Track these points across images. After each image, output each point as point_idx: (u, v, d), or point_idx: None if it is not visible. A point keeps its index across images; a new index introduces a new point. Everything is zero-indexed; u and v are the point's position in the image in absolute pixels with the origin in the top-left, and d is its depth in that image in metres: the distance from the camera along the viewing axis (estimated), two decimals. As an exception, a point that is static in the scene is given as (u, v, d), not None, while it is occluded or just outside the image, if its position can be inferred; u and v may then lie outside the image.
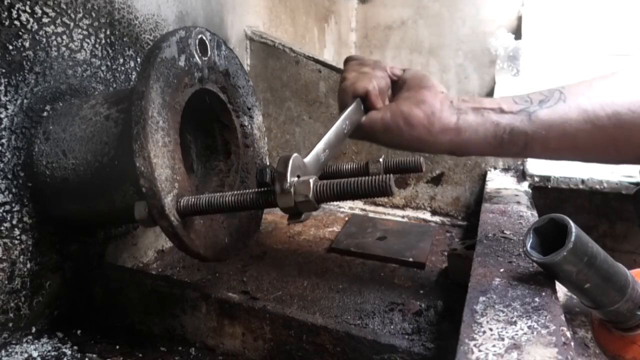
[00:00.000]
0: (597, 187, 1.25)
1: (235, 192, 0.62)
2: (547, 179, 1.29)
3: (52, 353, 0.73)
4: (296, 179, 0.57)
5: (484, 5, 2.57)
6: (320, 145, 0.69)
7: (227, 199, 0.61)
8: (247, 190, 0.62)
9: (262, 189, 0.60)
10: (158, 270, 1.03)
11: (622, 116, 0.72)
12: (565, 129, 0.75)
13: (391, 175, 0.54)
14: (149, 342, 0.78)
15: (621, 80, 0.76)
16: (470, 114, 0.79)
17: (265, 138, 0.94)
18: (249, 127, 0.88)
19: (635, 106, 0.72)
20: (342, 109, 0.84)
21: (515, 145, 0.78)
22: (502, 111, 0.78)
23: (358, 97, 0.84)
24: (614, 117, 0.73)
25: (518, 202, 1.03)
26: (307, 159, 0.64)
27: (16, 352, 0.72)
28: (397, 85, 0.89)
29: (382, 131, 0.83)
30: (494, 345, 0.48)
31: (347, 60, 0.93)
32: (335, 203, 1.49)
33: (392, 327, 0.82)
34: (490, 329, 0.51)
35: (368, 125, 0.84)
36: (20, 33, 0.71)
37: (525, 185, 1.23)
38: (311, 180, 0.56)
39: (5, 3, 0.69)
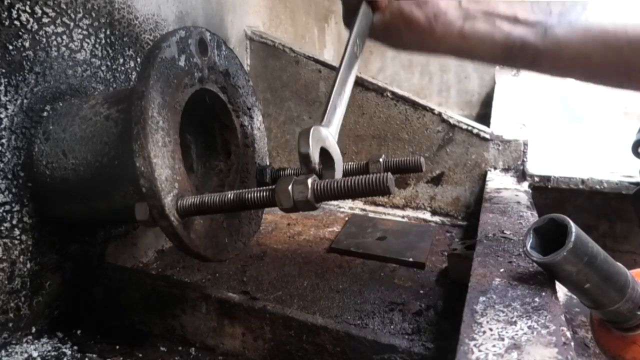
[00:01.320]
0: (597, 187, 1.25)
1: (235, 192, 0.62)
2: (547, 179, 1.29)
3: (52, 353, 0.73)
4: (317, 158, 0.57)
5: (484, 5, 2.57)
6: (335, 93, 0.67)
7: (226, 198, 0.61)
8: (247, 190, 0.61)
9: (262, 188, 0.60)
10: (158, 270, 1.02)
11: None
12: (580, 48, 0.71)
13: (389, 173, 0.54)
14: (149, 342, 0.78)
15: None
16: (480, 21, 0.73)
17: (265, 138, 0.94)
18: (249, 127, 0.88)
19: None
20: (347, 15, 0.78)
21: (522, 59, 0.74)
22: (516, 20, 0.72)
23: (364, 2, 0.77)
24: (636, 42, 0.69)
25: (518, 202, 1.03)
26: (324, 121, 0.63)
27: (16, 352, 0.72)
28: None
29: (383, 33, 0.78)
30: (494, 345, 0.48)
31: None
32: (335, 203, 1.49)
33: (392, 327, 0.82)
34: (490, 329, 0.51)
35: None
36: (20, 33, 0.71)
37: (525, 185, 1.23)
38: (309, 180, 0.56)
39: (5, 3, 0.69)
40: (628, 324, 0.63)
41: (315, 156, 0.57)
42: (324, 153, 0.61)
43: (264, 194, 0.60)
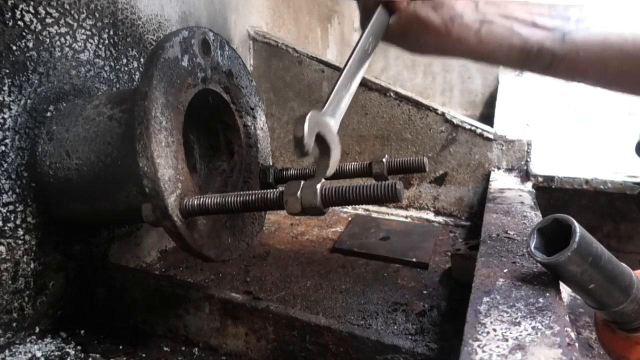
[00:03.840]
0: (602, 187, 1.25)
1: (241, 193, 0.62)
2: (551, 179, 1.28)
3: (56, 353, 0.73)
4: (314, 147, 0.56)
5: (487, 5, 2.56)
6: (341, 82, 0.66)
7: (232, 200, 0.61)
8: (254, 192, 0.61)
9: (269, 191, 0.60)
10: (161, 271, 1.03)
11: None
12: (597, 54, 0.71)
13: (400, 182, 0.54)
14: (152, 342, 0.78)
15: None
16: (497, 25, 0.73)
17: (269, 138, 0.94)
18: (252, 127, 0.88)
19: None
20: (364, 17, 0.77)
21: (539, 63, 0.74)
22: (534, 25, 0.72)
23: (380, 5, 0.76)
24: None
25: (522, 202, 1.03)
26: (324, 108, 0.62)
27: (20, 352, 0.72)
28: None
29: (399, 36, 0.78)
30: (497, 346, 0.48)
31: None
32: (338, 204, 1.48)
33: (395, 327, 0.82)
34: (494, 330, 0.51)
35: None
36: (24, 33, 0.71)
37: (529, 186, 1.22)
38: (318, 186, 0.56)
39: (9, 3, 0.69)
40: (632, 325, 0.63)
41: (309, 141, 0.56)
42: (321, 140, 0.60)
43: (272, 197, 0.59)
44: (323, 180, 0.57)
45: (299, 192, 0.56)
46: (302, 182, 0.57)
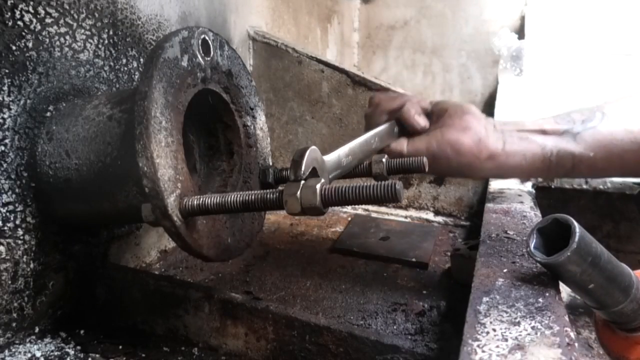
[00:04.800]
0: (601, 187, 1.25)
1: (241, 193, 0.62)
2: (550, 179, 1.28)
3: (56, 353, 0.73)
4: (311, 171, 0.57)
5: (487, 5, 2.56)
6: (343, 149, 0.69)
7: (232, 199, 0.61)
8: (254, 192, 0.61)
9: (269, 190, 0.60)
10: (161, 271, 1.03)
11: None
12: (611, 149, 0.74)
13: (400, 182, 0.54)
14: (152, 342, 0.78)
15: None
16: (515, 138, 0.78)
17: (268, 138, 0.94)
18: (252, 127, 0.88)
19: None
20: (368, 129, 0.81)
21: (562, 167, 0.78)
22: (545, 132, 0.77)
23: (393, 120, 0.82)
24: None
25: (521, 202, 1.03)
26: (327, 157, 0.63)
27: (19, 352, 0.72)
28: (435, 115, 0.87)
29: (429, 160, 0.81)
30: (497, 346, 0.48)
31: (373, 95, 0.91)
32: (337, 204, 1.48)
33: (395, 327, 0.82)
34: (494, 330, 0.51)
35: (413, 154, 0.82)
36: (24, 33, 0.71)
37: (528, 185, 1.22)
38: (318, 185, 0.56)
39: (8, 3, 0.69)
40: (632, 325, 0.63)
41: (306, 169, 0.57)
42: (314, 173, 0.61)
43: (271, 197, 0.59)
44: (323, 180, 0.57)
45: (298, 192, 0.56)
46: (302, 182, 0.57)
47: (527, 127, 0.79)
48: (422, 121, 0.83)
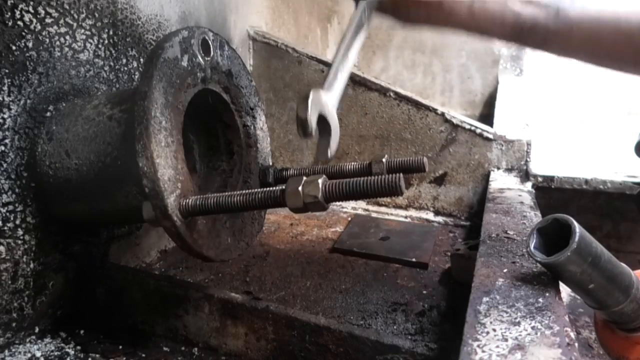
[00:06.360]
0: (601, 187, 1.25)
1: (242, 192, 0.62)
2: (550, 179, 1.28)
3: (56, 353, 0.73)
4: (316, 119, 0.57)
5: (487, 5, 2.56)
6: (334, 68, 0.67)
7: (233, 199, 0.61)
8: (254, 190, 0.61)
9: (270, 189, 0.60)
10: (161, 271, 1.03)
11: None
12: (591, 30, 0.72)
13: (401, 175, 0.54)
14: (152, 342, 0.78)
15: None
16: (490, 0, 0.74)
17: (268, 138, 0.94)
18: (252, 127, 0.88)
19: None
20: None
21: (533, 38, 0.75)
22: (528, 1, 0.73)
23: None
24: None
25: (521, 203, 1.03)
26: (325, 85, 0.62)
27: (19, 352, 0.72)
28: None
29: (392, 8, 0.79)
30: (497, 346, 0.48)
31: None
32: (338, 203, 1.49)
33: (395, 327, 0.82)
34: (494, 330, 0.51)
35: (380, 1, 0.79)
36: (24, 33, 0.71)
37: (528, 186, 1.22)
38: (320, 180, 0.56)
39: (8, 3, 0.69)
40: (632, 325, 0.63)
41: (313, 122, 0.57)
42: (322, 120, 0.61)
43: (273, 194, 0.59)
44: (324, 176, 0.58)
45: (300, 187, 0.56)
46: (304, 178, 0.57)
47: None
48: None
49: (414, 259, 1.07)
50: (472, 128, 1.33)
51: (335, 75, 0.67)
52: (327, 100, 0.62)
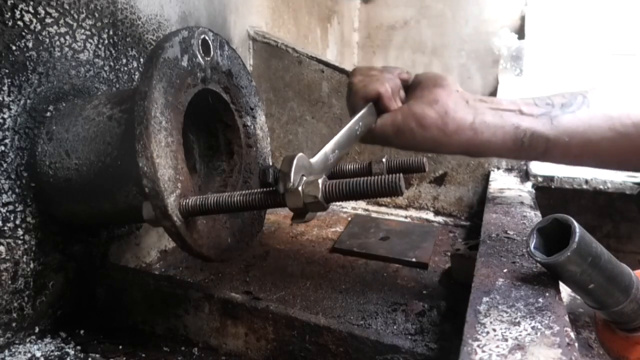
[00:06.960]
0: (601, 187, 1.25)
1: (242, 192, 0.62)
2: (550, 179, 1.29)
3: (56, 353, 0.73)
4: (301, 179, 0.57)
5: (487, 5, 2.57)
6: (329, 146, 0.68)
7: (233, 199, 0.61)
8: (254, 190, 0.61)
9: (270, 189, 0.60)
10: (161, 271, 1.03)
11: None
12: (588, 135, 0.73)
13: (401, 175, 0.54)
14: (152, 342, 0.78)
15: None
16: (488, 115, 0.76)
17: (268, 138, 0.94)
18: (252, 127, 0.88)
19: None
20: (352, 114, 0.81)
21: (534, 149, 0.76)
22: (522, 113, 0.75)
23: (370, 102, 0.81)
24: None
25: (521, 203, 1.03)
26: (314, 159, 0.63)
27: (19, 352, 0.72)
28: (411, 88, 0.86)
29: (395, 134, 0.81)
30: (497, 346, 0.48)
31: (353, 70, 0.90)
32: (338, 203, 1.49)
33: (395, 327, 0.82)
34: (494, 330, 0.51)
35: (380, 129, 0.81)
36: (24, 33, 0.71)
37: (528, 186, 1.22)
38: (320, 180, 0.56)
39: (8, 3, 0.69)
40: (632, 325, 0.63)
41: (295, 180, 0.57)
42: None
43: (272, 194, 0.59)
44: (324, 176, 0.58)
45: (300, 187, 0.56)
46: (304, 178, 0.57)
47: (503, 105, 0.77)
48: (393, 105, 0.82)
49: (414, 259, 1.07)
50: (472, 128, 1.33)
51: (325, 157, 0.67)
52: (312, 169, 0.61)
